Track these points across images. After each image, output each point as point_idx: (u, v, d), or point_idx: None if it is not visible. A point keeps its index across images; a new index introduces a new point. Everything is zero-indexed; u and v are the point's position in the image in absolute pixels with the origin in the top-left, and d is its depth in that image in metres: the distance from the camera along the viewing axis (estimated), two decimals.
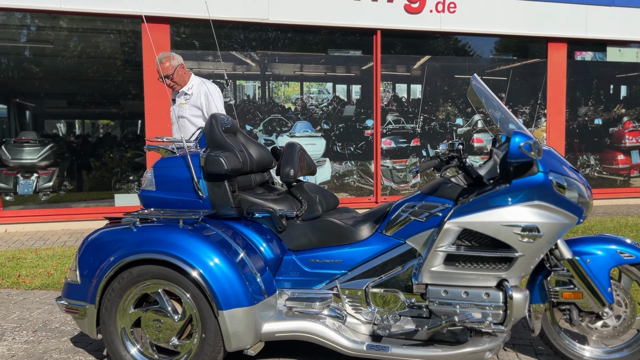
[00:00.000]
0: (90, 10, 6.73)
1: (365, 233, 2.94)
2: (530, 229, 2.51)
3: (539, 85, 8.60)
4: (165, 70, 4.33)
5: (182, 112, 4.45)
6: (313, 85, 8.29)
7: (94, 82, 9.83)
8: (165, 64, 4.34)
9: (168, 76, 4.34)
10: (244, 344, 2.65)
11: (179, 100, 4.48)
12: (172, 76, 4.36)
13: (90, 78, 9.66)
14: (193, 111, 4.44)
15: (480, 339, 2.61)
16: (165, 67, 4.33)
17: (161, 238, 2.69)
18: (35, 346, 3.26)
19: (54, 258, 5.29)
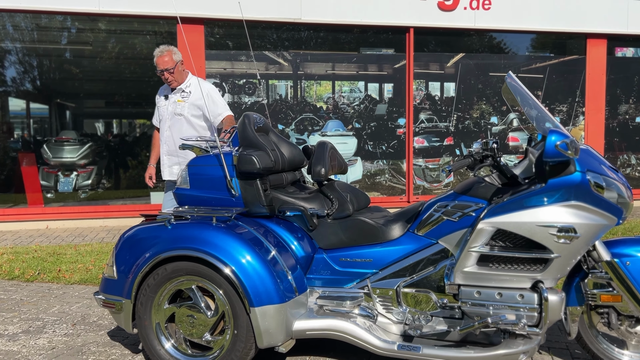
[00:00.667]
0: (127, 12, 6.89)
1: (396, 232, 2.92)
2: (566, 230, 2.45)
3: (577, 83, 8.38)
4: (166, 64, 4.24)
5: (180, 109, 4.34)
6: (345, 84, 8.28)
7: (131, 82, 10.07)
8: (166, 57, 4.25)
9: (168, 70, 4.24)
10: (275, 341, 2.67)
11: (175, 97, 4.36)
12: (173, 70, 4.26)
13: (127, 79, 9.90)
14: (193, 110, 4.34)
15: (514, 341, 2.56)
16: (166, 61, 4.24)
17: (195, 235, 2.74)
18: (74, 339, 3.36)
19: (92, 254, 5.45)
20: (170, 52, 4.27)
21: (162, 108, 4.44)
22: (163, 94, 4.47)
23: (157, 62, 4.27)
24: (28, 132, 10.06)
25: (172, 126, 4.37)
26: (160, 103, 4.46)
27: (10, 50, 8.46)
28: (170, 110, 4.38)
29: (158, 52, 4.28)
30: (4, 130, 9.51)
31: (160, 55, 4.25)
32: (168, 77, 4.28)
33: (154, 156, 4.60)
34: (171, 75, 4.27)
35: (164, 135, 4.42)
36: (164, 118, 4.41)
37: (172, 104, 4.38)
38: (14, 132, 9.90)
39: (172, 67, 4.26)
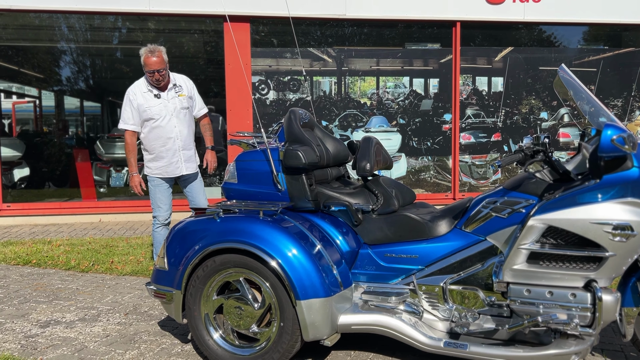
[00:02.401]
0: (176, 11, 7.05)
1: (443, 229, 2.89)
2: (622, 228, 2.36)
3: (633, 76, 8.02)
4: (158, 65, 4.17)
5: (186, 103, 4.39)
6: (389, 80, 8.22)
7: None
8: (157, 57, 4.17)
9: (160, 70, 4.19)
10: (321, 334, 2.69)
11: (173, 93, 4.34)
12: (164, 71, 4.22)
13: None
14: (188, 102, 4.43)
15: (566, 341, 2.49)
16: (157, 62, 4.17)
17: (242, 228, 2.79)
18: (127, 328, 3.49)
19: (142, 247, 5.63)
20: (161, 52, 4.22)
21: (157, 107, 4.27)
22: (148, 93, 4.29)
23: (147, 62, 4.17)
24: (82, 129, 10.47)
25: (180, 121, 4.36)
26: (152, 102, 4.27)
27: (65, 50, 8.82)
28: (173, 107, 4.32)
29: (148, 53, 4.18)
30: (60, 127, 9.93)
31: (150, 56, 4.17)
32: (158, 77, 4.22)
33: (135, 163, 4.39)
34: (161, 75, 4.22)
35: (172, 131, 4.31)
36: (166, 115, 4.29)
37: (173, 99, 4.34)
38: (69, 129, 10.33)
39: (164, 67, 4.22)
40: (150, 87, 4.31)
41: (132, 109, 4.30)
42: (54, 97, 9.90)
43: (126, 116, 4.33)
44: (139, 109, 4.28)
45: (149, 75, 4.24)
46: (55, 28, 8.03)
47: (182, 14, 7.18)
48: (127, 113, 4.32)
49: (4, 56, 8.23)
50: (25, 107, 9.71)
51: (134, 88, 4.35)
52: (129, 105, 4.30)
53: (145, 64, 4.20)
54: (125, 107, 4.33)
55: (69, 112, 10.29)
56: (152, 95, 4.30)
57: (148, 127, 4.32)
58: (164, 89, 4.34)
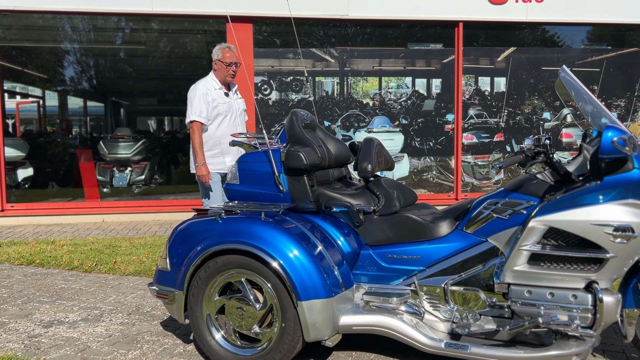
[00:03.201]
0: (179, 12, 7.07)
1: (444, 230, 2.89)
2: (623, 229, 2.36)
3: (636, 77, 8.01)
4: (236, 58, 4.48)
5: (243, 105, 4.66)
6: (392, 80, 8.23)
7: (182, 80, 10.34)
8: (235, 52, 4.49)
9: (237, 64, 4.48)
10: (322, 335, 2.70)
11: (234, 95, 4.60)
12: (239, 65, 4.50)
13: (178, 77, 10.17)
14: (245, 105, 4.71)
15: (567, 343, 2.50)
16: (235, 55, 4.48)
17: (244, 229, 2.80)
18: (130, 328, 3.51)
19: (145, 247, 5.65)
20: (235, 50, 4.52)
21: (224, 105, 4.49)
22: (219, 90, 4.51)
23: (226, 55, 4.44)
24: (85, 129, 10.52)
25: (242, 121, 4.59)
26: (221, 100, 4.48)
27: (69, 51, 8.86)
28: (237, 106, 4.57)
29: (225, 47, 4.48)
30: (64, 127, 9.98)
31: (228, 49, 4.46)
32: (235, 71, 4.48)
33: (203, 154, 4.47)
34: (236, 69, 4.48)
35: (237, 129, 4.51)
36: (231, 114, 4.51)
37: (237, 100, 4.60)
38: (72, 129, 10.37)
39: (239, 63, 4.50)
40: (221, 85, 4.52)
41: (205, 102, 4.41)
42: (58, 97, 9.94)
43: (198, 109, 4.40)
44: (211, 104, 4.43)
45: (228, 68, 4.44)
46: (59, 28, 8.06)
47: (184, 14, 7.20)
48: (200, 106, 4.41)
49: (8, 56, 8.26)
50: (29, 107, 9.75)
51: (204, 84, 4.49)
52: (202, 98, 4.41)
53: (225, 57, 4.43)
54: (199, 101, 4.41)
55: (72, 112, 10.33)
56: (222, 93, 4.52)
57: (217, 123, 4.47)
58: (229, 88, 4.58)
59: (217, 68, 4.51)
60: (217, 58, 4.49)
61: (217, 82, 4.52)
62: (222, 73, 4.49)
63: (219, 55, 4.47)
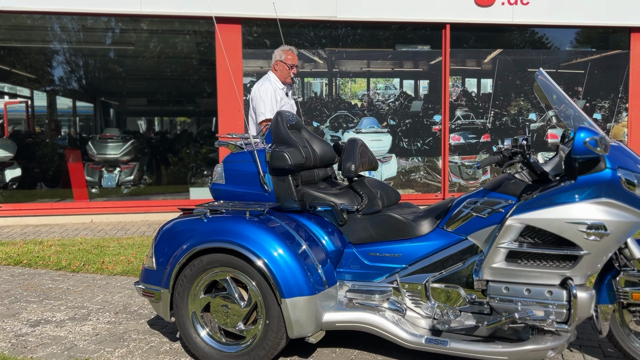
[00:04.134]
0: (167, 13, 7.10)
1: (425, 228, 2.96)
2: (596, 227, 2.44)
3: (620, 78, 8.13)
4: (297, 60, 4.62)
5: (297, 106, 4.81)
6: (380, 81, 8.30)
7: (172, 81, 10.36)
8: (295, 55, 4.61)
9: (297, 66, 4.61)
10: (305, 331, 2.75)
11: (290, 96, 4.73)
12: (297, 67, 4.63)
13: (168, 77, 10.19)
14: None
15: (543, 337, 2.57)
16: (296, 58, 4.61)
17: (229, 228, 2.85)
18: (117, 326, 3.54)
19: (133, 247, 5.67)
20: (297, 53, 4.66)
21: (288, 104, 4.64)
22: (282, 90, 4.62)
23: (289, 56, 4.56)
24: (74, 129, 10.50)
25: None
26: (285, 100, 4.61)
27: (58, 51, 8.85)
28: (292, 106, 4.70)
29: (287, 49, 4.58)
30: (52, 128, 9.95)
31: (290, 51, 4.58)
32: (295, 72, 4.63)
33: None
34: (296, 70, 4.63)
35: None
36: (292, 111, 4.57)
37: (293, 102, 4.75)
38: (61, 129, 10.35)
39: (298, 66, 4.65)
40: (282, 85, 4.64)
41: (275, 101, 4.50)
42: (46, 98, 9.92)
43: (271, 107, 4.49)
44: (279, 103, 4.53)
45: (288, 69, 4.57)
46: (48, 28, 8.06)
47: (173, 15, 7.22)
48: (272, 104, 4.50)
49: None
50: (17, 108, 9.72)
51: (272, 83, 4.58)
52: (273, 97, 4.50)
53: (287, 58, 4.57)
54: (271, 99, 4.49)
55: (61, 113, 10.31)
56: (284, 93, 4.66)
57: None
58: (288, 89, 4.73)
59: (278, 69, 4.60)
60: (279, 59, 4.58)
61: (279, 82, 4.62)
62: (283, 74, 4.59)
63: (281, 56, 4.58)
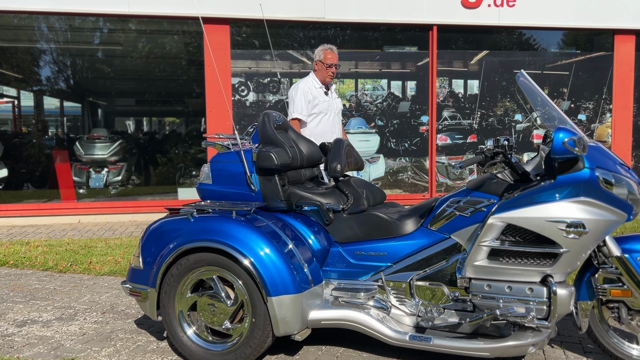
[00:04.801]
0: (155, 13, 7.09)
1: (410, 227, 3.00)
2: (575, 225, 2.49)
3: (604, 80, 8.26)
4: (337, 59, 4.57)
5: (340, 105, 4.79)
6: (368, 82, 8.35)
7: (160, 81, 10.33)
8: (336, 54, 4.57)
9: (337, 65, 4.56)
10: (291, 329, 2.78)
11: (333, 94, 4.72)
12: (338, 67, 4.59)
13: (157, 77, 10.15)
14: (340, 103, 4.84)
15: (524, 334, 2.62)
16: (336, 57, 4.57)
17: (216, 228, 2.87)
18: (104, 326, 3.55)
19: (121, 247, 5.66)
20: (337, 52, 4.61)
21: (326, 103, 4.61)
22: (320, 89, 4.60)
23: (328, 56, 4.53)
24: (62, 129, 10.43)
25: (339, 120, 4.73)
26: (322, 98, 4.59)
27: (45, 50, 8.79)
28: (336, 105, 4.69)
29: (328, 48, 4.56)
30: (39, 128, 9.88)
31: (330, 51, 4.55)
32: (334, 72, 4.58)
33: None
34: (336, 70, 4.59)
35: (335, 127, 4.64)
36: (331, 112, 4.62)
37: (335, 100, 4.73)
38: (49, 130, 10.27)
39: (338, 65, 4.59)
40: (321, 84, 4.61)
41: (305, 100, 4.51)
42: (34, 98, 9.85)
43: (300, 107, 4.51)
44: (312, 102, 4.53)
45: (328, 69, 4.54)
46: (35, 28, 8.01)
47: (161, 15, 7.22)
48: (302, 104, 4.51)
49: None
50: (4, 108, 9.64)
51: (307, 83, 4.60)
52: (303, 97, 4.51)
53: (326, 57, 4.53)
54: (300, 99, 4.51)
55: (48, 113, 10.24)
56: (322, 92, 4.61)
57: (316, 121, 4.57)
58: (327, 88, 4.67)
59: (317, 68, 4.60)
60: (318, 59, 4.58)
61: (317, 81, 4.62)
62: (322, 74, 4.58)
63: (320, 56, 4.57)
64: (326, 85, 4.66)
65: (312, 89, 4.57)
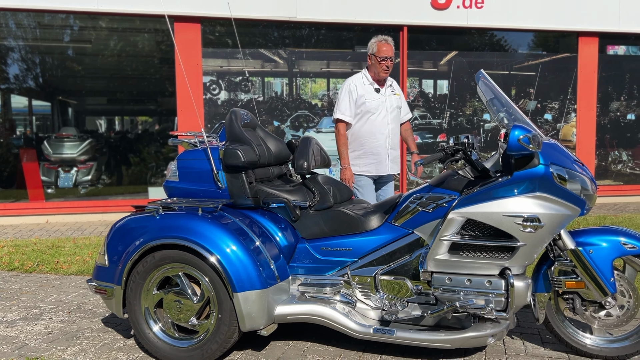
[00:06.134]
0: (124, 10, 7.03)
1: (375, 223, 3.06)
2: (531, 220, 2.59)
3: (569, 80, 8.48)
4: (392, 52, 4.12)
5: (397, 102, 4.28)
6: (340, 82, 8.41)
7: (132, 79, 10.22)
8: (391, 45, 4.13)
9: (391, 58, 4.12)
10: (257, 324, 2.82)
11: (387, 91, 4.22)
12: (393, 60, 4.14)
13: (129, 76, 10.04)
14: (401, 102, 4.34)
15: (483, 325, 2.70)
16: (391, 49, 4.12)
17: (181, 225, 2.88)
18: (70, 325, 3.52)
19: (90, 247, 5.60)
20: (391, 42, 4.17)
21: (376, 101, 4.14)
22: (369, 86, 4.18)
23: (381, 48, 4.08)
24: (30, 128, 10.23)
25: (394, 119, 4.24)
26: (370, 96, 4.13)
27: (13, 48, 8.62)
28: (390, 103, 4.20)
29: (382, 40, 4.13)
30: (7, 127, 9.68)
31: (384, 42, 4.11)
32: (389, 65, 4.12)
33: (347, 155, 4.17)
34: (391, 63, 4.13)
35: (386, 128, 4.15)
36: (382, 111, 4.15)
37: (390, 97, 4.23)
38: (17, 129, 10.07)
39: (394, 57, 4.16)
40: (372, 80, 4.19)
41: (350, 100, 4.14)
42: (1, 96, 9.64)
43: (344, 107, 4.15)
44: (357, 100, 4.13)
45: (381, 62, 4.08)
46: (3, 25, 7.85)
47: (131, 13, 7.16)
48: (345, 104, 4.15)
49: None
50: None
51: (354, 80, 4.21)
52: (348, 95, 4.15)
53: (379, 50, 4.09)
54: (344, 98, 4.16)
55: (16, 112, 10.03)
56: (372, 89, 4.17)
57: (362, 121, 4.15)
58: (382, 84, 4.22)
59: (370, 63, 4.18)
60: (371, 52, 4.14)
61: (368, 77, 4.20)
62: (374, 68, 4.14)
63: (373, 49, 4.13)
64: (381, 81, 4.20)
65: (359, 87, 4.15)
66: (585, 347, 2.83)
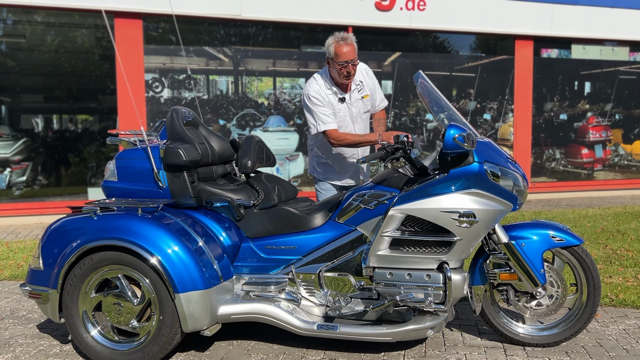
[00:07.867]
0: (61, 5, 6.78)
1: (319, 221, 3.09)
2: (467, 215, 2.69)
3: (506, 82, 8.84)
4: (353, 54, 3.40)
5: (366, 106, 3.70)
6: (286, 81, 8.42)
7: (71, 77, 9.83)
8: (352, 46, 3.41)
9: (353, 61, 3.41)
10: (200, 325, 2.79)
11: (354, 96, 3.61)
12: (357, 62, 3.45)
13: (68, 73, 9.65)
14: (371, 103, 3.75)
15: (423, 318, 2.79)
16: (352, 51, 3.40)
17: (120, 225, 2.81)
18: (2, 332, 3.36)
19: (24, 250, 5.36)
20: (353, 40, 3.46)
21: (341, 113, 3.57)
22: (333, 95, 3.56)
23: (339, 52, 3.36)
24: None
25: (359, 127, 3.71)
26: (337, 107, 3.56)
27: None
28: (356, 111, 3.65)
29: (339, 40, 3.40)
30: None
31: (342, 44, 3.38)
32: (351, 70, 3.43)
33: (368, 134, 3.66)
34: (354, 67, 3.44)
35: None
36: (347, 124, 3.62)
37: (357, 102, 3.64)
38: None
39: (357, 58, 3.45)
40: (334, 86, 3.56)
41: (322, 106, 3.50)
42: None
43: (324, 116, 3.49)
44: (334, 110, 3.55)
45: (341, 68, 3.40)
46: None
47: (67, 8, 6.90)
48: (324, 111, 3.49)
49: None
50: None
51: (317, 87, 3.53)
52: (321, 103, 3.49)
53: (337, 54, 3.37)
54: (319, 108, 3.49)
55: None
56: (337, 99, 3.56)
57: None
58: (346, 89, 3.59)
59: (330, 67, 3.53)
60: (328, 56, 3.47)
61: (329, 82, 3.56)
62: (335, 73, 3.51)
63: (331, 52, 3.43)
64: (344, 86, 3.57)
65: (326, 94, 3.54)
66: (519, 336, 2.97)
